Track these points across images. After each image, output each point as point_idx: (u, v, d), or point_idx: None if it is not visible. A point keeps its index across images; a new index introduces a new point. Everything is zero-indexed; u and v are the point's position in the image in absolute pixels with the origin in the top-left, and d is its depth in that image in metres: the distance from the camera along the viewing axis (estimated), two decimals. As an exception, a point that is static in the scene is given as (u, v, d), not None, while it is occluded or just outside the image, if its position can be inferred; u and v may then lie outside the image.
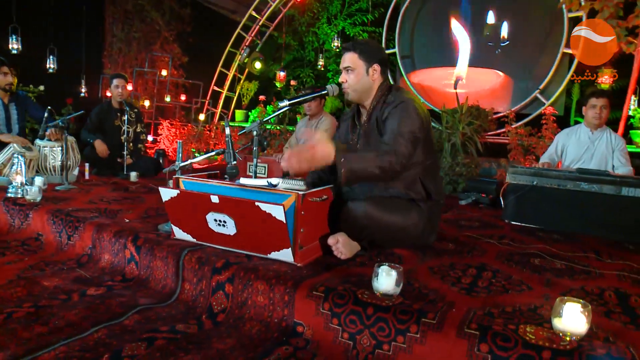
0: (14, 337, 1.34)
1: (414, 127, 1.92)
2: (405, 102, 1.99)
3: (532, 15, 6.29)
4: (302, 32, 8.46)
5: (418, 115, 1.96)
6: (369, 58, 2.06)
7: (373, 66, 2.06)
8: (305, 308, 1.46)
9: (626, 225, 2.68)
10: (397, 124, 1.92)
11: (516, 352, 1.20)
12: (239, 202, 1.64)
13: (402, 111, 1.96)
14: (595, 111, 3.29)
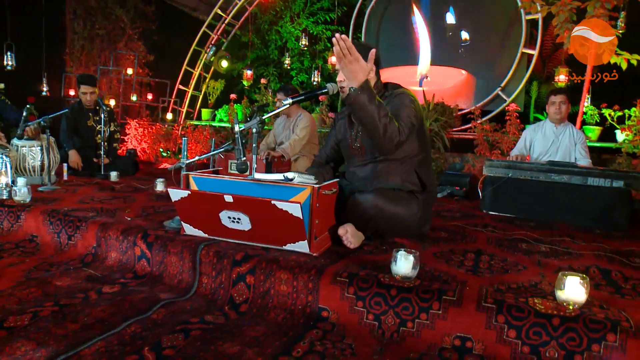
0: (49, 334, 1.35)
1: (409, 113, 2.06)
2: (402, 94, 2.14)
3: (493, 16, 6.65)
4: (265, 30, 8.49)
5: (412, 105, 2.11)
6: (365, 59, 2.17)
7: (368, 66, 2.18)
8: (330, 293, 1.56)
9: (592, 212, 2.96)
10: (394, 110, 2.06)
11: (529, 321, 1.36)
12: (255, 201, 1.71)
13: (399, 101, 2.11)
14: (555, 107, 3.58)
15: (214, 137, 5.79)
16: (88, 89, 3.76)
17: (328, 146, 2.46)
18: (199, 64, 7.12)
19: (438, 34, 7.02)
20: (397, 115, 2.03)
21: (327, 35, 8.78)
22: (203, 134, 5.75)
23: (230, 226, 1.82)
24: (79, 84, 3.81)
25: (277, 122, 4.54)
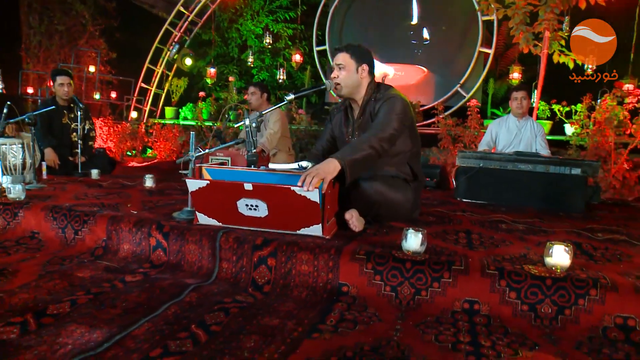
0: (96, 318, 1.43)
1: (400, 115, 2.26)
2: (394, 97, 2.33)
3: (451, 17, 7.05)
4: (224, 28, 8.51)
5: (404, 107, 2.30)
6: (359, 59, 2.36)
7: (362, 66, 2.37)
8: (349, 270, 1.73)
9: (555, 196, 3.31)
10: (386, 113, 2.25)
11: (527, 283, 1.59)
12: (275, 188, 1.85)
13: (391, 103, 2.29)
14: (517, 102, 3.93)
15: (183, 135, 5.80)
16: (65, 79, 3.71)
17: (324, 139, 2.62)
18: (161, 61, 7.06)
19: (399, 33, 7.35)
20: (388, 118, 2.22)
21: (287, 34, 8.92)
22: (172, 132, 5.74)
23: (247, 213, 1.95)
24: (54, 76, 3.75)
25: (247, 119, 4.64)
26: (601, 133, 4.64)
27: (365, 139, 2.12)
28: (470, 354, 1.32)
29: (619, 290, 1.55)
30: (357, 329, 1.46)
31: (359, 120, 2.42)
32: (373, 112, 2.34)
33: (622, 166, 4.48)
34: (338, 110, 2.59)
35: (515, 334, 1.48)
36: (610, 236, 2.36)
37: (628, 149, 4.54)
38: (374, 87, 2.42)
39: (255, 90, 4.32)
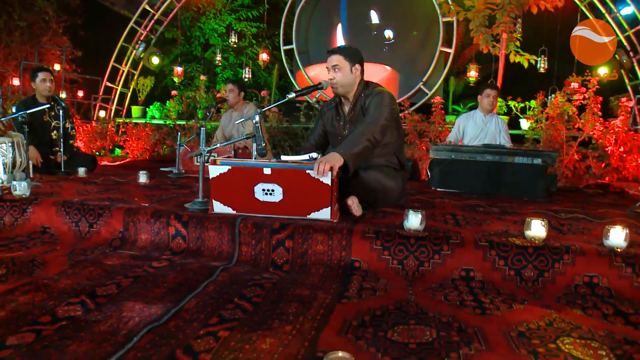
0: (146, 297, 1.60)
1: (389, 108, 2.54)
2: (382, 92, 2.60)
3: (413, 18, 7.45)
4: (187, 27, 8.53)
5: (391, 102, 2.59)
6: (352, 59, 2.61)
7: (355, 66, 2.62)
8: (361, 247, 1.98)
9: (519, 184, 3.71)
10: (375, 109, 2.52)
11: (513, 252, 1.90)
12: (292, 171, 2.07)
13: (380, 97, 2.57)
14: (490, 99, 4.33)
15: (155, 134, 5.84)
16: (47, 75, 3.74)
17: (316, 134, 2.86)
18: (126, 60, 7.01)
19: (364, 33, 7.68)
20: (379, 111, 2.49)
21: (251, 32, 9.04)
22: (145, 131, 5.76)
23: (262, 199, 2.15)
24: (35, 73, 3.76)
25: (224, 117, 4.80)
26: (554, 127, 5.15)
27: (361, 132, 2.37)
28: (476, 308, 1.61)
29: (586, 255, 1.88)
30: (377, 294, 1.71)
31: (350, 114, 2.67)
32: (364, 106, 2.60)
33: (573, 157, 5.01)
34: (329, 107, 2.83)
35: (506, 293, 1.78)
36: (572, 215, 2.74)
37: (577, 142, 5.07)
38: (364, 85, 2.67)
39: (233, 88, 4.48)
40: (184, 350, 1.22)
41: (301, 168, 2.07)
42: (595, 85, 4.96)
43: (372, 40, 7.62)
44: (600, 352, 1.31)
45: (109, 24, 7.10)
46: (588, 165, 5.05)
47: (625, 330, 1.50)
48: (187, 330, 1.34)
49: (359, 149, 2.29)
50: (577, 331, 1.45)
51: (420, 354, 1.25)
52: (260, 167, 2.08)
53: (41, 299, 1.54)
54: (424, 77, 7.21)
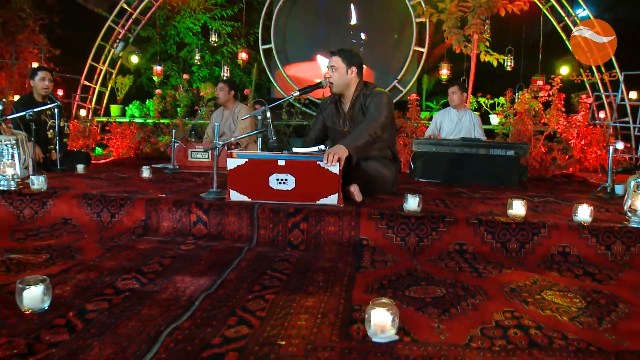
0: (190, 271, 1.83)
1: (387, 107, 2.84)
2: (380, 93, 2.90)
3: (387, 17, 7.80)
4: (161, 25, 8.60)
5: (389, 101, 2.89)
6: (349, 62, 2.89)
7: (351, 68, 2.90)
8: (368, 227, 2.26)
9: (495, 173, 4.09)
10: (375, 108, 2.81)
11: (499, 228, 2.23)
12: (303, 163, 2.34)
13: (379, 97, 2.86)
14: (451, 96, 4.75)
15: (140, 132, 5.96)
16: (47, 74, 3.86)
17: (316, 129, 3.13)
18: (103, 59, 7.05)
19: (341, 33, 7.98)
20: (379, 110, 2.78)
21: (226, 31, 9.16)
22: (130, 129, 5.86)
23: (276, 187, 2.40)
24: (34, 72, 3.87)
25: (215, 114, 4.99)
26: (522, 122, 5.59)
27: (364, 128, 2.66)
28: (472, 272, 1.92)
29: (559, 229, 2.23)
30: (388, 265, 2.00)
31: (349, 112, 2.96)
32: (363, 105, 2.89)
33: (540, 150, 5.47)
34: (328, 104, 3.10)
35: (495, 262, 2.11)
36: (544, 199, 3.12)
37: (544, 135, 5.53)
38: (362, 86, 2.96)
39: (224, 87, 4.68)
40: (241, 309, 1.46)
41: (312, 159, 2.34)
42: (558, 83, 5.43)
43: (349, 40, 7.92)
44: (575, 300, 1.64)
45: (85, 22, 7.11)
46: (554, 157, 5.52)
47: (593, 285, 1.85)
48: (237, 296, 1.59)
49: (361, 142, 2.58)
50: (556, 287, 1.79)
51: (436, 305, 1.55)
52: (275, 160, 2.33)
53: (95, 276, 1.74)
54: (399, 75, 7.57)
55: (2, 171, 2.71)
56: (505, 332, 1.35)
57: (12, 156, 2.74)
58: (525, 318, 1.45)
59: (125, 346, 1.20)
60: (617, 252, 2.15)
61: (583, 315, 1.51)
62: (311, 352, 1.20)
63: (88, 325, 1.32)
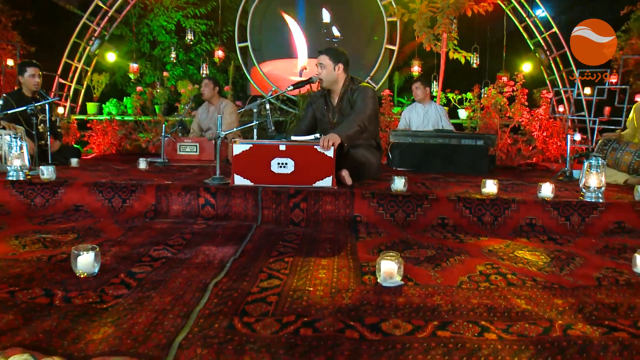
0: (213, 242, 2.08)
1: (372, 100, 3.16)
2: (366, 88, 3.21)
3: (360, 16, 8.14)
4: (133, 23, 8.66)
5: (374, 95, 3.21)
6: (336, 59, 3.19)
7: (338, 65, 3.20)
8: (361, 205, 2.56)
9: (466, 162, 4.47)
10: (362, 101, 3.13)
11: (475, 203, 2.57)
12: (302, 147, 2.62)
13: (364, 92, 3.17)
14: (415, 91, 5.15)
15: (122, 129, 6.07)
16: (36, 70, 3.97)
17: (306, 120, 3.41)
18: (78, 56, 7.08)
19: (314, 31, 8.26)
20: (365, 103, 3.10)
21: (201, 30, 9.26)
22: (111, 126, 5.97)
23: (277, 171, 2.67)
24: (23, 67, 3.97)
25: (201, 110, 5.20)
26: (489, 116, 6.04)
27: (353, 119, 2.97)
28: (455, 239, 2.26)
29: (526, 204, 2.60)
30: (382, 236, 2.31)
31: (338, 105, 3.26)
32: (351, 99, 3.19)
33: (506, 142, 5.92)
34: (318, 97, 3.39)
35: (472, 233, 2.45)
36: (511, 182, 3.51)
37: (509, 128, 6.00)
38: (349, 81, 3.26)
39: (209, 83, 4.90)
40: (267, 269, 1.74)
41: (309, 144, 2.62)
42: (521, 80, 5.90)
43: (323, 38, 8.22)
44: (541, 257, 2.00)
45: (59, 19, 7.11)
46: (519, 148, 5.99)
47: (555, 247, 2.22)
48: (259, 260, 1.86)
49: (352, 132, 2.88)
50: (525, 248, 2.14)
51: (429, 261, 1.87)
52: (277, 145, 2.61)
53: (128, 249, 1.97)
54: (371, 72, 7.94)
55: (11, 162, 2.87)
56: (487, 277, 1.68)
57: (20, 148, 2.90)
58: (503, 268, 1.79)
59: (181, 294, 1.45)
60: (574, 222, 2.54)
61: (548, 267, 1.86)
62: (336, 293, 1.48)
63: (141, 283, 1.56)
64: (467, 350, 1.12)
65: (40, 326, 1.20)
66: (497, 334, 1.22)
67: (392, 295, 1.47)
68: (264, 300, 1.42)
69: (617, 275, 1.73)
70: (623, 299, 1.49)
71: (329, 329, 1.21)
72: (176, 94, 7.21)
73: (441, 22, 6.25)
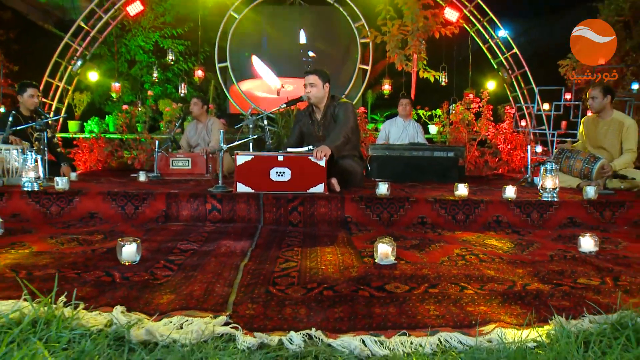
0: (230, 238, 2.43)
1: (353, 114, 3.60)
2: (346, 103, 3.65)
3: (335, 38, 8.68)
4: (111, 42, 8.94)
5: (354, 109, 3.65)
6: (324, 79, 3.63)
7: (325, 84, 3.64)
8: (350, 207, 2.96)
9: (438, 172, 4.96)
10: (344, 115, 3.56)
11: (449, 204, 3.01)
12: (298, 158, 3.00)
13: (345, 107, 3.61)
14: (402, 107, 5.63)
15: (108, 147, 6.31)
16: (35, 91, 4.24)
17: (294, 135, 3.81)
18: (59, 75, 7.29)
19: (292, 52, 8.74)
20: (346, 118, 3.53)
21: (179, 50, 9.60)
22: (97, 144, 6.19)
23: (275, 179, 3.04)
24: (23, 88, 4.23)
25: (189, 127, 5.53)
26: (457, 130, 6.59)
27: (338, 132, 3.39)
28: (434, 233, 2.68)
29: (493, 203, 3.05)
30: (371, 232, 2.71)
31: (322, 120, 3.68)
32: (333, 113, 3.62)
33: (474, 154, 6.47)
34: (303, 115, 3.81)
35: (448, 228, 2.88)
36: (480, 188, 3.98)
37: (476, 142, 6.55)
38: (330, 97, 3.70)
39: (198, 102, 5.25)
40: (281, 254, 2.10)
41: (304, 155, 3.02)
42: (487, 96, 6.49)
43: (299, 58, 8.70)
44: (506, 243, 2.44)
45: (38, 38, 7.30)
46: (486, 160, 6.55)
47: (518, 237, 2.67)
48: (272, 250, 2.22)
49: (339, 143, 3.30)
50: (493, 238, 2.58)
51: (414, 247, 2.28)
52: (275, 156, 2.99)
53: (156, 245, 2.29)
54: (345, 90, 8.44)
55: (27, 174, 3.14)
56: (463, 257, 2.10)
57: (35, 161, 3.17)
58: (475, 251, 2.22)
59: (219, 272, 1.80)
60: (534, 218, 3.01)
61: (511, 250, 2.29)
62: (344, 270, 1.86)
63: (181, 266, 1.90)
64: (452, 300, 1.52)
65: (114, 294, 1.53)
66: (474, 290, 1.62)
67: (390, 270, 1.86)
68: (288, 275, 1.78)
69: (566, 254, 2.18)
70: (568, 267, 1.93)
71: (346, 290, 1.59)
72: (157, 113, 7.49)
73: (411, 43, 6.82)
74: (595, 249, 2.19)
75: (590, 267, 1.94)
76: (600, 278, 1.77)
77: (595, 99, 4.16)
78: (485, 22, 7.96)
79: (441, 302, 1.50)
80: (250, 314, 1.38)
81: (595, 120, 4.27)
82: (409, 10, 6.69)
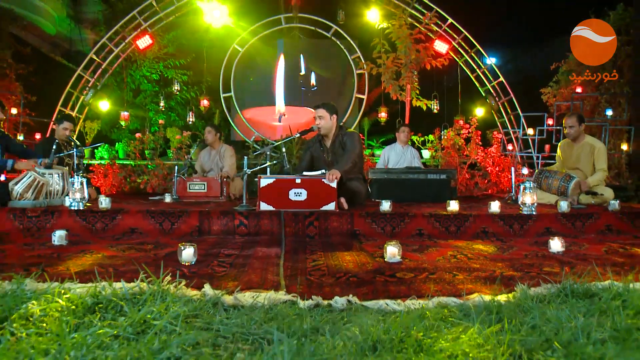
0: (261, 246, 2.97)
1: (359, 143, 4.20)
2: (353, 133, 4.26)
3: (332, 69, 9.38)
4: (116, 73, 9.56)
5: (359, 138, 4.26)
6: (331, 112, 4.25)
7: (333, 116, 4.25)
8: (359, 222, 3.52)
9: (432, 193, 5.55)
10: (352, 142, 4.16)
11: (443, 217, 3.59)
12: (313, 180, 3.58)
13: (352, 136, 4.22)
14: (405, 134, 6.24)
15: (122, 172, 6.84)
16: (70, 125, 4.82)
17: (305, 161, 4.39)
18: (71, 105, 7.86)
19: (292, 81, 9.42)
20: (353, 146, 4.13)
21: (182, 80, 10.25)
22: (112, 169, 6.73)
23: (294, 199, 3.61)
24: (61, 120, 4.80)
25: (203, 153, 6.09)
26: (449, 155, 7.22)
27: (347, 158, 3.98)
28: (431, 241, 3.25)
29: (480, 217, 3.63)
30: (377, 242, 3.27)
31: (331, 147, 4.27)
32: (342, 142, 4.22)
33: (464, 177, 7.09)
34: (313, 142, 4.40)
35: (442, 238, 3.45)
36: (470, 205, 4.58)
37: (467, 165, 7.19)
38: (339, 128, 4.30)
39: (211, 130, 5.83)
40: (309, 257, 2.65)
41: (318, 178, 3.59)
42: (475, 122, 7.16)
43: (299, 87, 9.38)
44: (491, 248, 3.01)
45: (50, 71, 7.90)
46: (476, 182, 7.17)
47: (501, 243, 3.24)
48: (299, 254, 2.77)
49: (347, 167, 3.89)
50: (480, 244, 3.15)
51: (415, 250, 2.84)
52: (294, 179, 3.56)
53: (203, 252, 2.82)
54: (343, 118, 9.09)
55: (73, 195, 3.67)
56: (455, 256, 2.66)
57: (81, 184, 3.71)
58: (464, 252, 2.78)
59: (265, 267, 2.35)
60: (515, 229, 3.59)
61: (495, 252, 2.86)
62: (361, 265, 2.42)
63: (233, 264, 2.44)
64: (447, 281, 2.08)
65: (190, 283, 2.06)
66: (463, 276, 2.18)
67: (397, 265, 2.42)
68: (319, 269, 2.33)
69: (538, 253, 2.76)
70: (537, 261, 2.50)
71: (367, 277, 2.14)
72: (165, 140, 8.06)
73: (405, 75, 7.50)
74: (562, 250, 2.77)
75: (554, 261, 2.52)
76: (561, 268, 2.34)
77: (572, 127, 4.81)
78: (473, 53, 8.70)
79: (438, 283, 2.06)
80: (300, 291, 1.93)
81: (570, 145, 4.92)
82: (402, 44, 7.40)
